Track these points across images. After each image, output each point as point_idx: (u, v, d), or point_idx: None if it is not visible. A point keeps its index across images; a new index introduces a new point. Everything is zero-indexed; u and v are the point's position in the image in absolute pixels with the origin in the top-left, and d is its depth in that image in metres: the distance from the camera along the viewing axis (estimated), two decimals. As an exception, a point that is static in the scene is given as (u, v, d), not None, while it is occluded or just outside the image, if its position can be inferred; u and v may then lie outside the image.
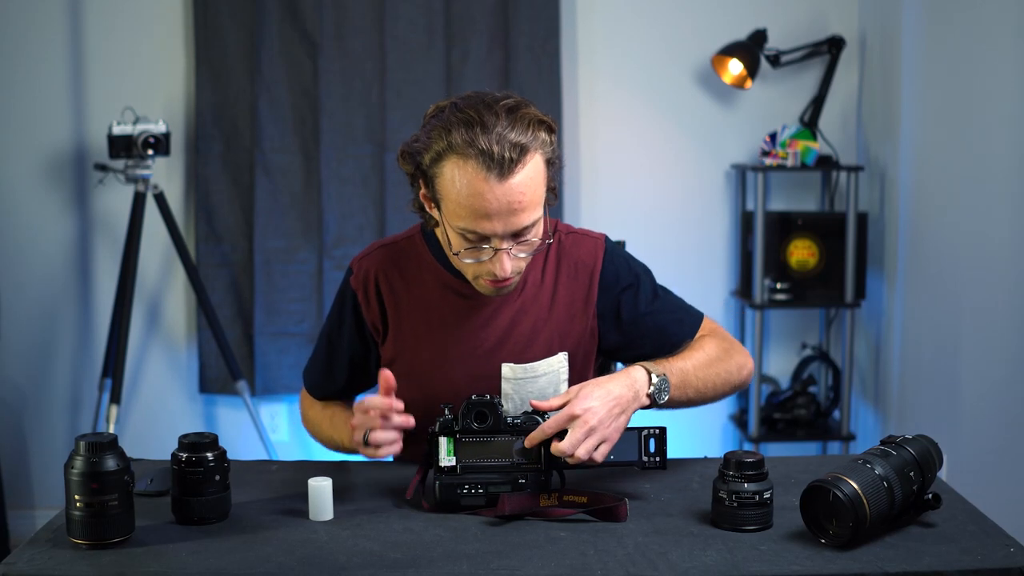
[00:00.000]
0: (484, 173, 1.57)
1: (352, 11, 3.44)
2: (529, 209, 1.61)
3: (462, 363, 1.79)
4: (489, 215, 1.59)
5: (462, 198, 1.59)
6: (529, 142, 1.59)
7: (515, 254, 1.66)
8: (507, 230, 1.61)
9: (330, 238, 3.50)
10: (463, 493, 1.57)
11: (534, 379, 1.78)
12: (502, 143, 1.56)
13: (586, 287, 1.81)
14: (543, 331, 1.79)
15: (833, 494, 1.40)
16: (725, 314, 3.70)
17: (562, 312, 1.80)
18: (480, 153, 1.56)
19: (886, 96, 3.36)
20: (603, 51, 3.58)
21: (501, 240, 1.62)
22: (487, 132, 1.57)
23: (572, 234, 1.85)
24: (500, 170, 1.56)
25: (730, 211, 3.66)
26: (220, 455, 1.53)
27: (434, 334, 1.79)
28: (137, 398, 3.63)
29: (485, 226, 1.60)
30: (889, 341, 3.35)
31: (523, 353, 1.78)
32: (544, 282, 1.81)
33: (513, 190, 1.58)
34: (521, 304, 1.79)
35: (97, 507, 1.41)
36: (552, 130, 1.65)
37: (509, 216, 1.59)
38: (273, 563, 1.39)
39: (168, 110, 3.51)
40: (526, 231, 1.64)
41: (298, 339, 3.54)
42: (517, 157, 1.57)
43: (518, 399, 1.78)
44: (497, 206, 1.58)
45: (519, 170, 1.58)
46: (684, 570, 1.36)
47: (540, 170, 1.62)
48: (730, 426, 3.71)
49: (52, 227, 3.55)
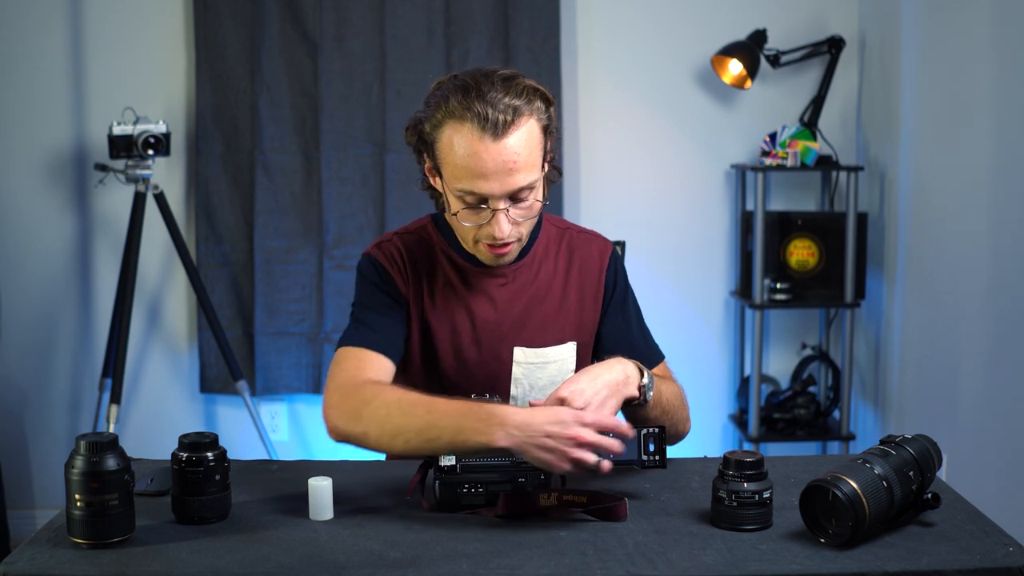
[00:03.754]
0: (479, 134, 1.63)
1: (352, 11, 3.44)
2: (524, 170, 1.66)
3: (476, 346, 1.83)
4: (486, 175, 1.65)
5: (459, 159, 1.66)
6: (523, 105, 1.65)
7: (513, 217, 1.70)
8: (503, 190, 1.66)
9: (330, 238, 3.51)
10: (463, 493, 1.57)
11: (544, 365, 1.83)
12: (496, 105, 1.63)
13: (595, 283, 1.89)
14: (555, 319, 1.85)
15: (832, 494, 1.40)
16: (725, 314, 3.70)
17: (573, 303, 1.87)
18: (476, 115, 1.63)
19: (886, 96, 3.36)
20: (603, 51, 3.59)
21: (498, 201, 1.67)
22: (482, 96, 1.64)
23: (583, 233, 1.93)
24: (495, 130, 1.63)
25: (730, 211, 3.66)
26: (220, 455, 1.53)
27: (449, 318, 1.83)
28: (137, 398, 3.63)
29: (482, 186, 1.66)
30: (889, 341, 3.35)
31: (535, 339, 1.84)
32: (557, 273, 1.87)
33: (508, 150, 1.64)
34: (535, 291, 1.85)
35: (97, 506, 1.41)
36: (549, 101, 1.72)
37: (505, 176, 1.65)
38: (273, 562, 1.39)
39: (168, 110, 3.51)
40: (522, 193, 1.69)
41: (298, 339, 3.55)
42: (511, 119, 1.64)
43: (527, 384, 1.83)
44: (493, 166, 1.64)
45: (513, 131, 1.64)
46: (684, 569, 1.36)
47: (535, 134, 1.68)
48: (730, 426, 3.72)
49: (52, 227, 3.55)
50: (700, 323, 3.69)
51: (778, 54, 3.47)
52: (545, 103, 1.71)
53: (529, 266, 1.86)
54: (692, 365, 3.63)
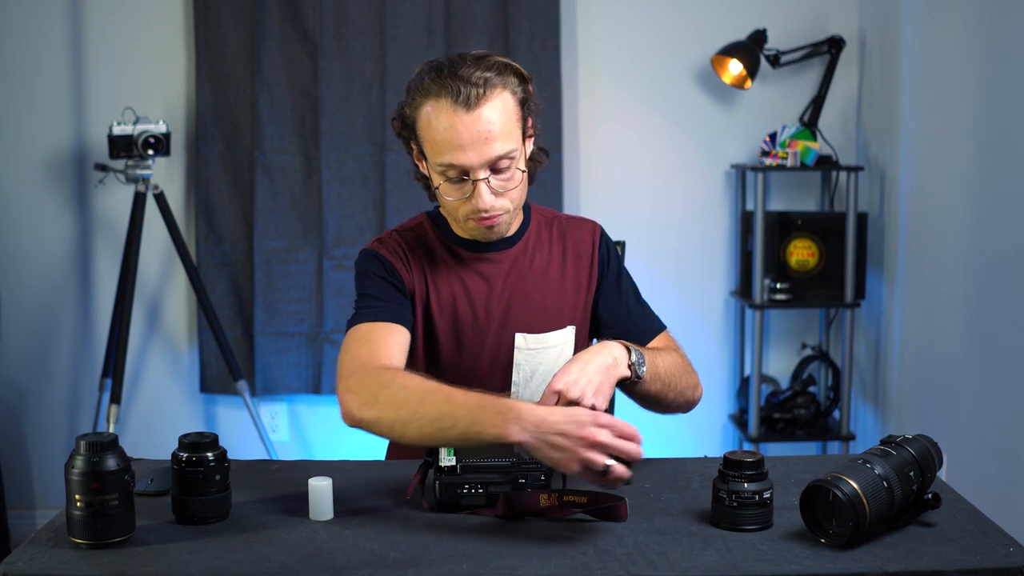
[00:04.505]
0: (453, 107, 1.69)
1: (352, 11, 3.44)
2: (500, 139, 1.71)
3: (477, 333, 1.86)
4: (463, 146, 1.70)
5: (437, 134, 1.71)
6: (494, 77, 1.71)
7: (495, 188, 1.74)
8: (480, 160, 1.71)
9: (330, 238, 3.51)
10: (463, 493, 1.57)
11: (545, 350, 1.86)
12: (468, 79, 1.69)
13: (588, 265, 1.93)
14: (554, 304, 1.89)
15: (833, 494, 1.40)
16: (725, 314, 3.70)
17: (570, 287, 1.91)
18: (449, 90, 1.69)
19: (886, 96, 3.36)
20: (603, 51, 3.59)
21: (478, 171, 1.72)
22: (454, 73, 1.70)
23: (572, 219, 1.99)
24: (467, 102, 1.68)
25: (730, 211, 3.66)
26: (220, 455, 1.53)
27: (450, 306, 1.86)
28: (137, 398, 3.63)
29: (460, 157, 1.71)
30: (889, 341, 3.35)
31: (535, 325, 1.87)
32: (552, 259, 1.91)
33: (481, 119, 1.69)
34: (532, 277, 1.89)
35: (98, 507, 1.41)
36: (524, 77, 1.77)
37: (481, 146, 1.70)
38: (273, 562, 1.39)
39: (168, 110, 3.51)
40: (501, 162, 1.73)
41: (298, 339, 3.55)
42: (484, 91, 1.69)
43: (528, 370, 1.86)
44: (468, 136, 1.69)
45: (486, 102, 1.70)
46: (684, 569, 1.36)
47: (510, 106, 1.73)
48: (730, 426, 3.72)
49: (52, 227, 3.55)
50: (700, 323, 3.69)
51: (778, 54, 3.47)
52: (519, 78, 1.76)
53: (524, 252, 1.90)
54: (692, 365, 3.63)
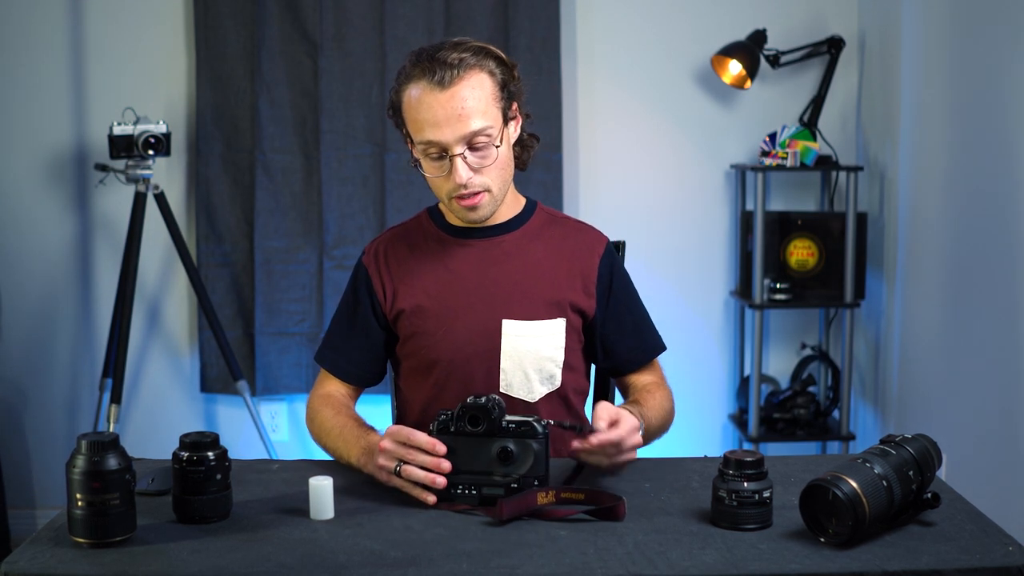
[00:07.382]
0: (429, 86, 1.77)
1: (352, 11, 3.45)
2: (475, 116, 1.77)
3: (465, 317, 1.89)
4: (439, 123, 1.77)
5: (417, 113, 1.79)
6: (470, 58, 1.79)
7: (472, 164, 1.80)
8: (455, 136, 1.78)
9: (330, 238, 3.51)
10: (456, 494, 1.59)
11: (533, 338, 1.89)
12: (444, 60, 1.77)
13: (587, 271, 1.94)
14: (544, 295, 1.91)
15: (832, 493, 1.40)
16: (725, 314, 3.70)
17: (563, 283, 1.92)
18: (426, 71, 1.78)
19: (885, 96, 3.37)
20: (603, 51, 3.59)
21: (454, 147, 1.78)
22: (432, 56, 1.79)
23: (579, 224, 2.02)
24: (442, 81, 1.76)
25: (730, 211, 3.66)
26: (221, 454, 1.53)
27: (439, 289, 1.91)
28: (138, 398, 3.64)
29: (436, 134, 1.78)
30: (888, 341, 3.35)
31: (522, 311, 1.89)
32: (548, 254, 1.94)
33: (456, 97, 1.76)
34: (524, 266, 1.92)
35: (99, 506, 1.41)
36: (503, 62, 1.84)
37: (456, 123, 1.77)
38: (274, 562, 1.39)
39: (168, 110, 3.51)
40: (477, 139, 1.79)
41: (298, 339, 3.55)
42: (458, 71, 1.77)
43: (516, 356, 1.88)
44: (443, 113, 1.76)
45: (460, 81, 1.77)
46: (684, 569, 1.36)
47: (486, 86, 1.80)
48: (730, 426, 3.72)
49: (53, 227, 3.56)
50: (700, 323, 3.69)
51: (778, 54, 3.47)
52: (497, 61, 1.82)
53: (519, 241, 1.93)
54: (692, 365, 3.64)
